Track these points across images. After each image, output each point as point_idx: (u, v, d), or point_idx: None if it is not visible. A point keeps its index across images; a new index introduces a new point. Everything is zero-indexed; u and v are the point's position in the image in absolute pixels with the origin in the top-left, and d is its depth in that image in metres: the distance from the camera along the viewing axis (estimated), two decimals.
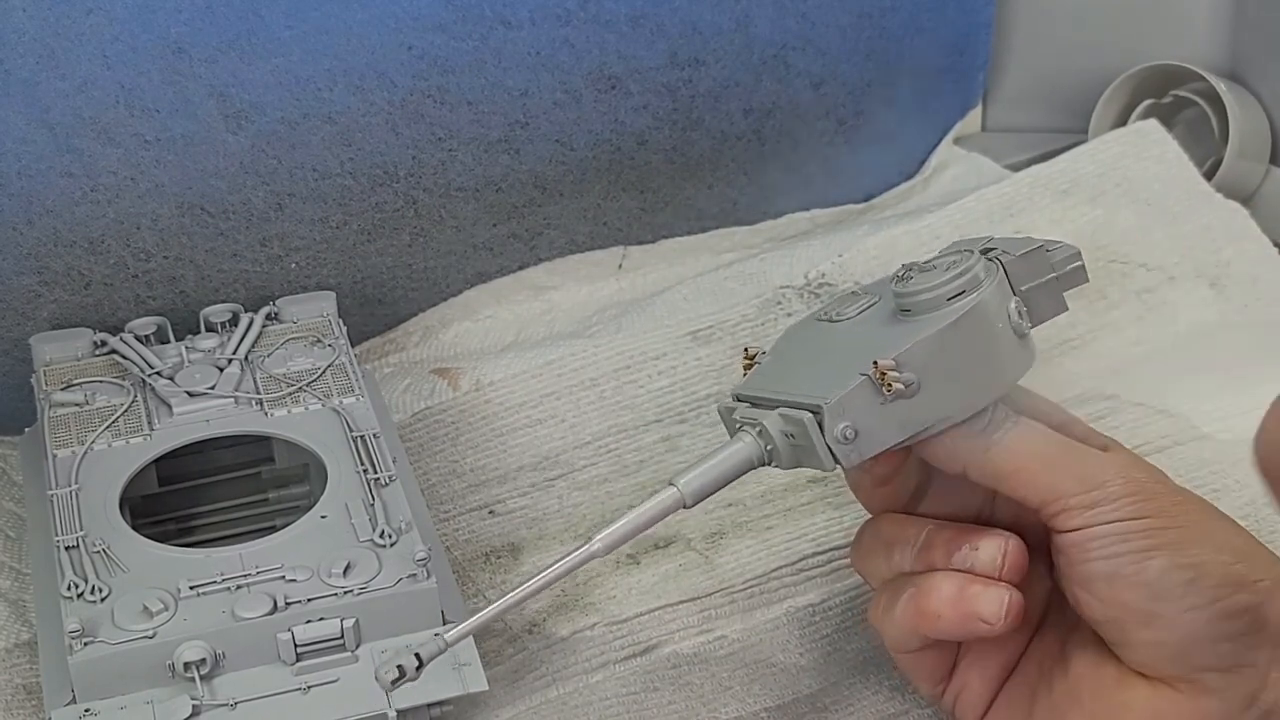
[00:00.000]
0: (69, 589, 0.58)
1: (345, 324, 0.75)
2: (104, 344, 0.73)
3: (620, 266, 0.89)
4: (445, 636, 0.52)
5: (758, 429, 0.53)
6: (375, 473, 0.64)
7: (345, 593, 0.58)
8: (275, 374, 0.71)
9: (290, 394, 0.70)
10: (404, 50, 0.78)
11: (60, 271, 0.76)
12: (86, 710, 0.56)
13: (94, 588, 0.58)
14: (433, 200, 0.82)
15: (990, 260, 0.53)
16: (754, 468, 0.54)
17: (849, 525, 0.69)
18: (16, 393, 0.76)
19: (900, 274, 0.54)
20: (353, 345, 0.74)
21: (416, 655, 0.51)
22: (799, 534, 0.69)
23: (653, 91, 0.84)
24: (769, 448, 0.53)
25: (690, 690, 0.61)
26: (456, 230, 0.84)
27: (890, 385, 0.50)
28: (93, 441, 0.67)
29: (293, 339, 0.74)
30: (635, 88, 0.83)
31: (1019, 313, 0.53)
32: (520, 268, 0.87)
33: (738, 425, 0.54)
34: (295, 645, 0.57)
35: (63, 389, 0.70)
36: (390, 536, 0.60)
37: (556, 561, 0.53)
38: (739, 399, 0.55)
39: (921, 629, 0.53)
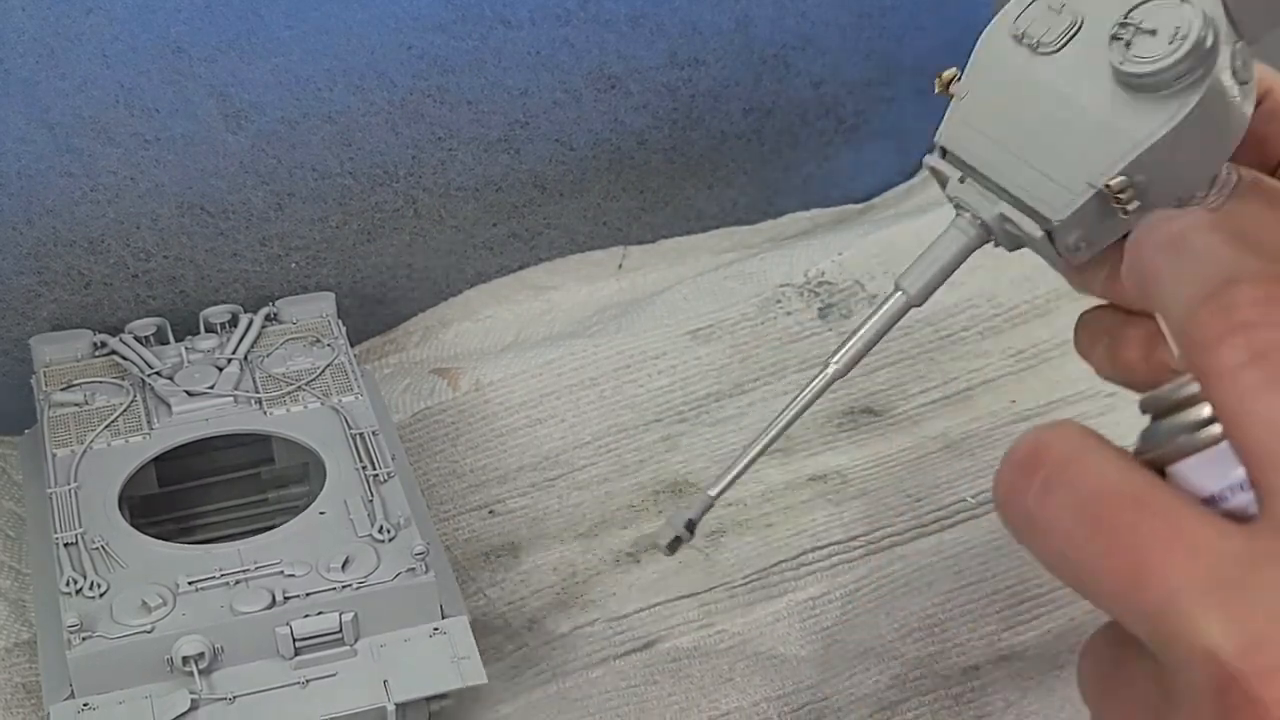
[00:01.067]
0: (68, 585, 0.58)
1: (345, 324, 0.75)
2: (104, 345, 0.73)
3: (620, 266, 0.89)
4: (710, 492, 0.51)
5: (978, 222, 0.49)
6: (374, 469, 0.64)
7: (344, 587, 0.58)
8: (274, 373, 0.71)
9: (289, 393, 0.70)
10: (404, 50, 0.78)
11: (60, 271, 0.76)
12: (85, 705, 0.56)
13: (92, 584, 0.58)
14: (433, 200, 0.82)
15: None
16: (974, 250, 0.51)
17: (848, 521, 0.69)
18: (16, 393, 0.76)
19: (1115, 29, 0.47)
20: (352, 345, 0.74)
21: (688, 521, 0.51)
22: (799, 530, 0.69)
23: (653, 91, 0.84)
24: (990, 233, 0.50)
25: (690, 683, 0.61)
26: (456, 230, 0.84)
27: (1125, 205, 0.47)
28: (92, 440, 0.67)
29: (292, 339, 0.74)
30: (635, 87, 0.84)
31: (1242, 62, 0.47)
32: (520, 267, 0.87)
33: (954, 205, 0.50)
34: (294, 639, 0.57)
35: (62, 389, 0.70)
36: (389, 531, 0.60)
37: (801, 393, 0.50)
38: (945, 152, 0.51)
39: None
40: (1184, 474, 0.31)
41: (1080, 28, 0.49)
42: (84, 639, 0.56)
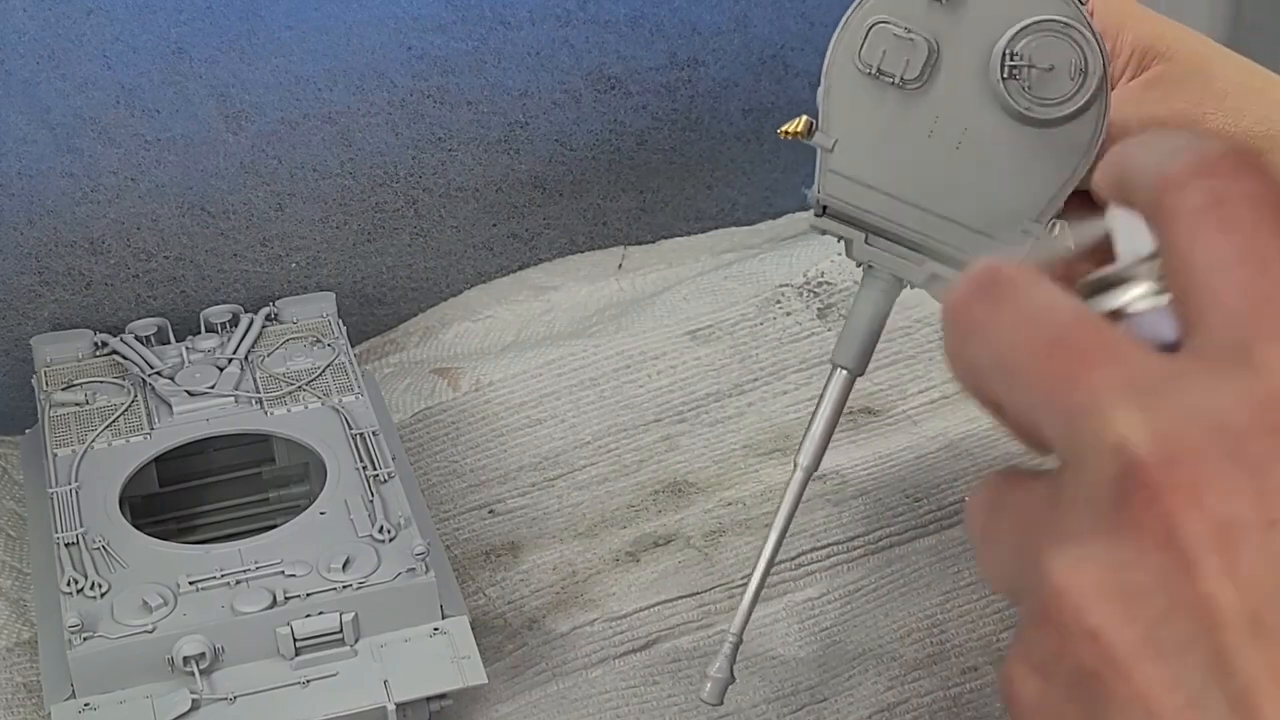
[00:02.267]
0: (68, 584, 0.58)
1: (345, 324, 0.75)
2: (104, 345, 0.73)
3: (620, 266, 0.89)
4: (731, 632, 0.52)
5: (897, 279, 0.48)
6: (374, 469, 0.64)
7: (344, 587, 0.58)
8: (275, 373, 0.71)
9: (290, 393, 0.70)
10: (404, 50, 0.78)
11: (61, 271, 0.76)
12: (86, 705, 0.56)
13: (93, 583, 0.58)
14: (433, 200, 0.82)
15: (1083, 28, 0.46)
16: (895, 298, 0.50)
17: (847, 521, 0.69)
18: (17, 393, 0.76)
19: (1005, 70, 0.46)
20: (353, 345, 0.74)
21: (729, 667, 0.52)
22: (798, 530, 0.69)
23: (652, 91, 0.84)
24: (908, 284, 0.49)
25: (690, 683, 0.61)
26: (456, 230, 0.84)
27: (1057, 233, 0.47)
28: (93, 440, 0.67)
29: (292, 339, 0.74)
30: (634, 88, 0.84)
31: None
32: (520, 267, 0.87)
33: (863, 265, 0.49)
34: (294, 639, 0.57)
35: (63, 389, 0.70)
36: (389, 532, 0.61)
37: (780, 506, 0.52)
38: (826, 205, 0.48)
39: None
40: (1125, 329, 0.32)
41: (939, 56, 0.47)
42: (85, 639, 0.56)
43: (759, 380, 0.79)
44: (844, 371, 0.50)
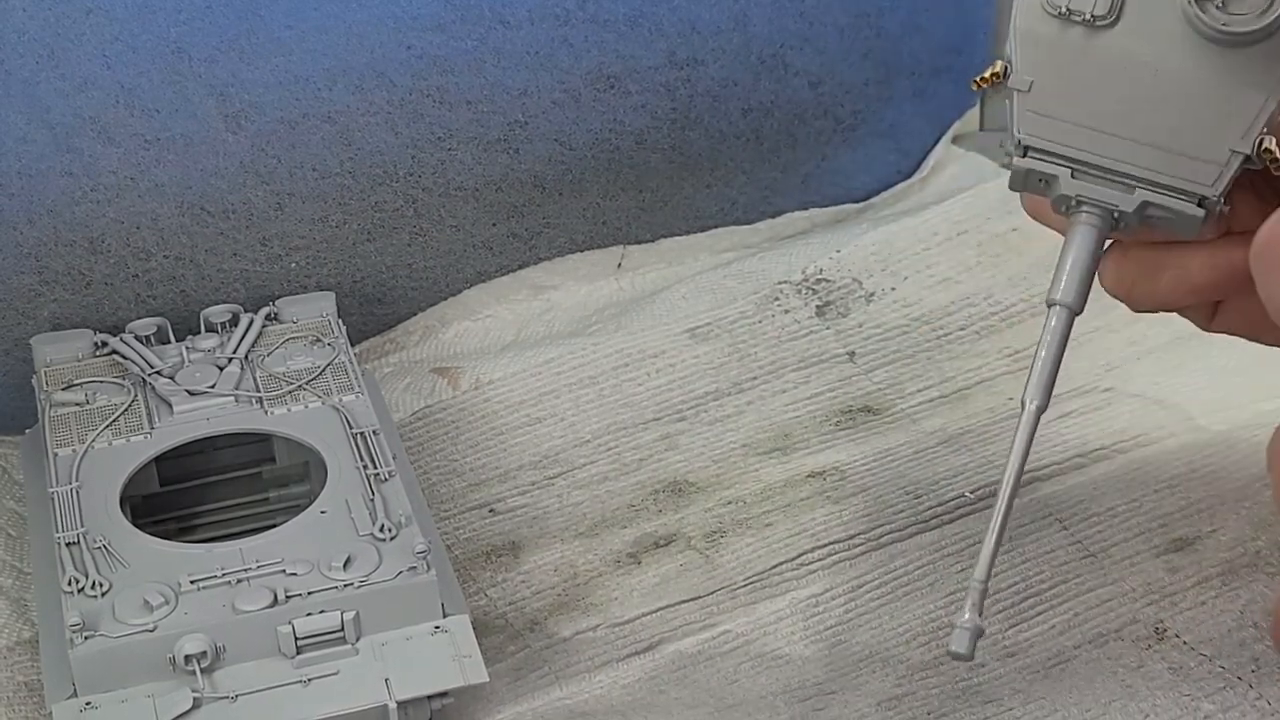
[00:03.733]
0: (69, 584, 0.58)
1: (345, 323, 0.75)
2: (104, 344, 0.73)
3: (619, 265, 0.89)
4: (977, 577, 0.51)
5: (1107, 213, 0.47)
6: (375, 468, 0.65)
7: (345, 586, 0.58)
8: (275, 373, 0.71)
9: (290, 392, 0.70)
10: (403, 50, 0.78)
11: (60, 271, 0.76)
12: (87, 704, 0.56)
13: (94, 582, 0.58)
14: (432, 200, 0.82)
15: None
16: (1106, 237, 0.49)
17: (848, 519, 0.69)
18: (17, 393, 0.76)
19: None
20: (353, 345, 0.74)
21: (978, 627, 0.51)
22: (799, 529, 0.69)
23: (651, 91, 0.84)
24: (1117, 223, 0.48)
25: (696, 683, 0.61)
26: (456, 230, 0.84)
27: (1274, 159, 0.46)
28: (93, 440, 0.67)
29: (292, 338, 0.74)
30: (634, 87, 0.84)
31: None
32: (520, 267, 0.88)
33: (1070, 202, 0.48)
34: (295, 638, 0.57)
35: (63, 389, 0.71)
36: (390, 530, 0.61)
37: (1014, 443, 0.50)
38: (1033, 153, 0.48)
39: None
40: None
41: None
42: (86, 638, 0.56)
43: (758, 378, 0.79)
44: (1064, 309, 0.48)
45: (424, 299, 0.86)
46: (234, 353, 0.72)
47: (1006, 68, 0.48)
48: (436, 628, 0.59)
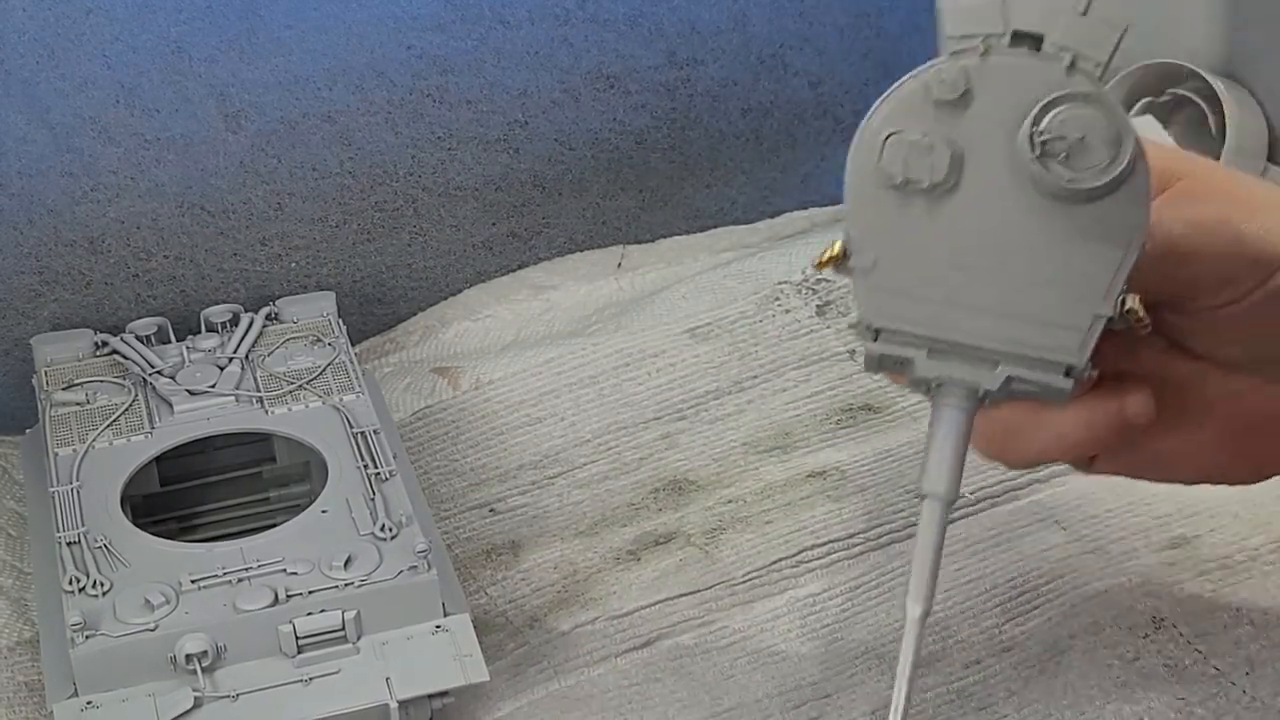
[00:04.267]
0: (70, 583, 0.59)
1: (345, 323, 0.75)
2: (105, 344, 0.73)
3: (619, 265, 0.89)
4: None
5: (972, 393, 0.44)
6: (375, 468, 0.65)
7: (346, 585, 0.58)
8: (275, 372, 0.71)
9: (290, 392, 0.70)
10: (403, 50, 0.78)
11: (60, 271, 0.76)
12: (88, 703, 0.56)
13: (95, 582, 0.58)
14: (432, 199, 0.82)
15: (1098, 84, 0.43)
16: (973, 417, 0.45)
17: (848, 518, 0.69)
18: (18, 393, 0.76)
19: (1037, 149, 0.42)
20: (353, 344, 0.74)
21: None
22: (798, 527, 0.69)
23: (651, 91, 0.84)
24: (985, 401, 0.45)
25: (693, 679, 0.61)
26: (456, 229, 0.84)
27: (1139, 320, 0.44)
28: (94, 440, 0.67)
29: (293, 338, 0.74)
30: (634, 87, 0.84)
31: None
32: (519, 267, 0.88)
33: (930, 385, 0.45)
34: (296, 637, 0.57)
35: (64, 389, 0.71)
36: (391, 530, 0.61)
37: (902, 657, 0.46)
38: (885, 334, 0.45)
39: None
40: None
41: (963, 153, 0.43)
42: (87, 637, 0.56)
43: (758, 378, 0.79)
44: (937, 501, 0.45)
45: (424, 299, 0.86)
46: (234, 352, 0.72)
47: (846, 247, 0.45)
48: (437, 627, 0.59)
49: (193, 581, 0.59)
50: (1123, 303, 0.43)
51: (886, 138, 0.44)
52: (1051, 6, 0.43)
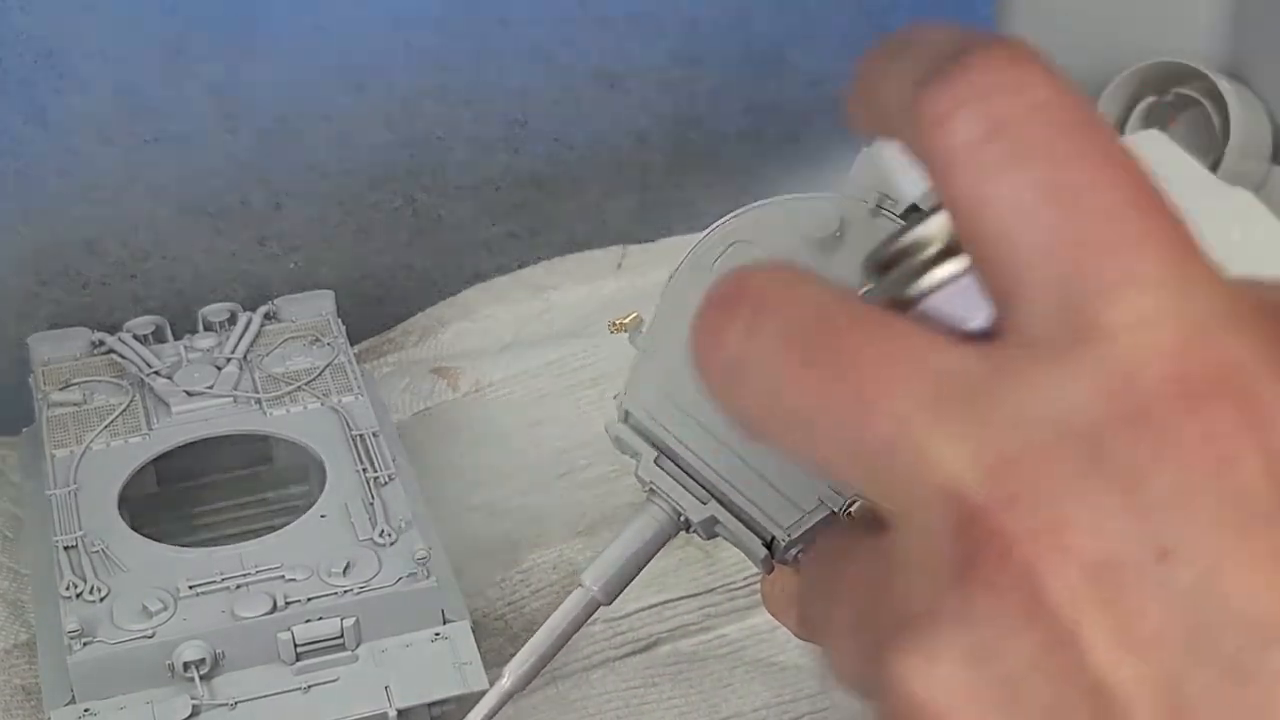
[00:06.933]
0: (68, 589, 0.58)
1: (344, 323, 0.75)
2: (102, 344, 0.73)
3: (619, 265, 0.89)
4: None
5: (675, 509, 0.41)
6: (375, 471, 0.64)
7: (345, 592, 0.58)
8: (274, 373, 0.71)
9: (289, 393, 0.69)
10: (403, 49, 0.78)
11: (58, 271, 0.76)
12: (86, 710, 0.56)
13: (93, 587, 0.58)
14: (432, 199, 0.82)
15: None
16: (670, 538, 0.42)
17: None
18: (14, 393, 0.76)
19: None
20: (352, 345, 0.74)
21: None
22: None
23: (652, 90, 0.84)
24: (689, 525, 0.41)
25: (690, 686, 0.61)
26: (455, 229, 0.84)
27: (853, 516, 0.40)
28: (91, 441, 0.67)
29: (291, 338, 0.74)
30: (634, 86, 0.84)
31: None
32: (519, 266, 0.87)
33: (647, 489, 0.42)
34: (295, 645, 0.57)
35: (61, 389, 0.70)
36: (390, 535, 0.60)
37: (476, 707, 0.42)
38: (632, 420, 0.41)
39: None
40: (921, 318, 0.25)
41: None
42: (85, 644, 0.56)
43: None
44: (587, 592, 0.42)
45: (423, 299, 0.86)
46: (232, 353, 0.72)
47: (641, 321, 0.42)
48: (437, 634, 0.58)
49: (191, 587, 0.58)
50: (852, 503, 0.38)
51: (734, 243, 0.40)
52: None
